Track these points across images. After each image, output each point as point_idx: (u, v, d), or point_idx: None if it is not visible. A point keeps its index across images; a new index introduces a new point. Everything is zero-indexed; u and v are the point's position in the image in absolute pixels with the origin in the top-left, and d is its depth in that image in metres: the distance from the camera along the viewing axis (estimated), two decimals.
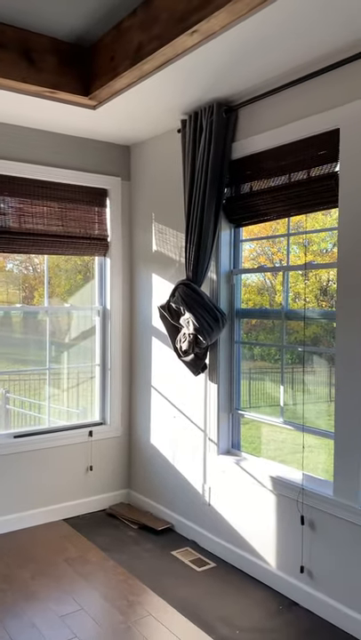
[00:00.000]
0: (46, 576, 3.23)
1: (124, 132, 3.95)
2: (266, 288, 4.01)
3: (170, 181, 3.88)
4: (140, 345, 4.23)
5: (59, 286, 4.42)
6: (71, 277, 4.49)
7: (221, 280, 3.47)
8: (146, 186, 4.14)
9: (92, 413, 4.33)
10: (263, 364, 4.33)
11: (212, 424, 3.51)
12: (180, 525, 3.79)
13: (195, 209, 3.38)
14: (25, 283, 4.41)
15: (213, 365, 3.49)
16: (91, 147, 4.11)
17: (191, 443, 3.70)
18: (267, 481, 3.11)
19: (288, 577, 3.00)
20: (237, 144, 3.30)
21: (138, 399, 4.26)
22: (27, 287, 4.42)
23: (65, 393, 4.45)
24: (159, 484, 4.02)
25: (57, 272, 4.42)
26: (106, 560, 3.42)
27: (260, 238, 3.56)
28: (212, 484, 3.53)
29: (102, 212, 4.21)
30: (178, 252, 3.80)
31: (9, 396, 5.22)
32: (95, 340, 4.32)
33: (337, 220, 2.73)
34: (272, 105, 3.07)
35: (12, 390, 5.17)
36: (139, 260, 4.23)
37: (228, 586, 3.13)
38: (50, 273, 4.32)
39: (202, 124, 3.39)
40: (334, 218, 3.16)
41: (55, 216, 3.99)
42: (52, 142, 3.94)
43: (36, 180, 3.88)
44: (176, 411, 3.84)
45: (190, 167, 3.45)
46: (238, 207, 3.34)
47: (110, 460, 4.27)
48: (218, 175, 3.31)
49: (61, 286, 4.44)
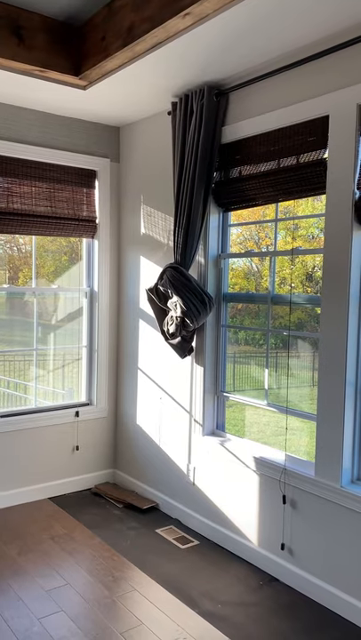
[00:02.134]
0: (33, 552, 3.29)
1: (113, 112, 3.93)
2: (252, 273, 4.05)
3: (159, 164, 3.88)
4: (127, 327, 4.26)
5: (43, 267, 4.41)
6: (57, 258, 4.48)
7: (209, 264, 3.50)
8: (135, 168, 4.13)
9: (79, 394, 4.37)
10: (247, 348, 4.40)
11: (197, 406, 3.57)
12: (165, 504, 3.87)
13: (184, 192, 3.40)
14: (10, 263, 4.39)
15: (200, 348, 3.54)
16: (80, 127, 4.09)
17: (177, 424, 3.76)
18: (250, 461, 3.18)
19: (269, 554, 3.09)
20: (228, 128, 3.31)
21: (124, 381, 4.30)
22: (11, 268, 4.41)
23: (51, 374, 4.47)
24: (144, 464, 4.08)
25: (42, 253, 4.41)
26: (91, 538, 3.49)
27: (248, 223, 3.59)
28: (196, 464, 3.60)
29: (91, 193, 4.20)
30: (166, 235, 3.82)
31: None
32: (82, 321, 4.34)
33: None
34: (263, 90, 3.08)
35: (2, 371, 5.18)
36: (127, 243, 4.24)
37: (211, 562, 3.22)
38: (36, 253, 4.30)
39: (192, 107, 3.39)
40: (323, 203, 3.20)
41: (43, 196, 3.97)
42: (41, 122, 3.91)
43: (24, 159, 3.85)
44: (162, 392, 3.89)
45: (180, 150, 3.45)
46: (227, 191, 3.36)
47: (96, 441, 4.32)
48: (207, 159, 3.32)
49: (46, 267, 4.43)
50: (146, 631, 2.57)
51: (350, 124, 2.61)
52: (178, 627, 2.61)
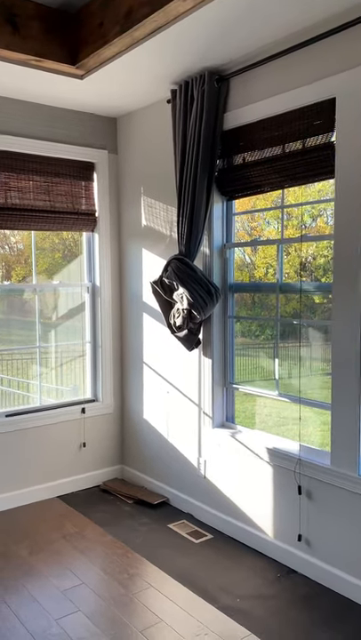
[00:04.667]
0: (44, 552, 3.24)
1: (111, 102, 3.85)
2: (245, 264, 4.00)
3: (159, 154, 3.81)
4: (131, 321, 4.20)
5: (37, 264, 4.34)
6: (49, 255, 4.40)
7: (214, 254, 3.44)
8: (134, 159, 4.06)
9: (84, 391, 4.31)
10: (244, 340, 4.34)
11: (206, 398, 3.52)
12: (176, 499, 3.82)
13: (187, 182, 3.33)
14: (2, 261, 4.32)
15: (207, 340, 3.48)
16: (77, 119, 4.00)
17: (185, 417, 3.71)
18: (263, 452, 3.14)
19: (286, 545, 3.05)
20: (230, 114, 3.24)
21: (130, 376, 4.25)
22: (3, 266, 4.33)
23: (54, 371, 4.41)
24: (153, 459, 4.04)
25: (35, 251, 4.33)
26: (103, 535, 3.44)
27: (253, 211, 3.53)
28: (207, 457, 3.55)
29: (90, 186, 4.13)
30: (168, 226, 3.75)
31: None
32: (85, 317, 4.27)
33: (319, 193, 2.71)
34: (266, 74, 3.01)
35: (2, 369, 5.11)
36: (128, 236, 4.17)
37: (226, 556, 3.18)
38: (28, 251, 4.23)
39: (193, 94, 3.32)
40: (316, 190, 3.15)
41: (41, 190, 3.89)
42: (37, 114, 3.82)
43: (20, 153, 3.77)
44: (169, 386, 3.84)
45: (181, 139, 3.38)
46: (231, 179, 3.30)
47: (103, 437, 4.27)
48: (210, 147, 3.26)
49: (40, 264, 4.35)
50: (166, 628, 2.53)
51: (359, 106, 2.54)
52: (198, 622, 2.57)
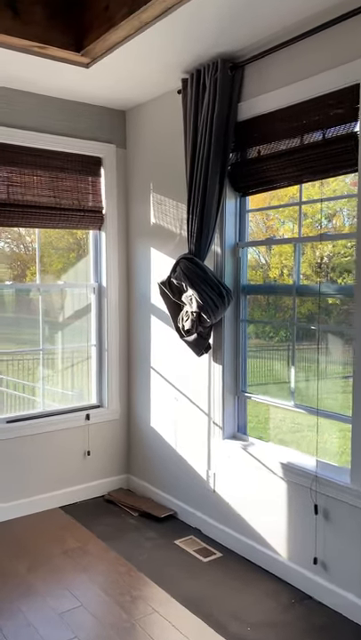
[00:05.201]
0: (43, 568, 3.05)
1: (119, 94, 3.66)
2: (260, 265, 3.79)
3: (169, 148, 3.61)
4: (138, 324, 4.01)
5: (51, 265, 4.19)
6: (64, 255, 4.24)
7: (226, 254, 3.23)
8: (143, 154, 3.86)
9: (89, 396, 4.12)
10: (263, 341, 4.13)
11: (216, 407, 3.31)
12: (184, 512, 3.62)
13: (197, 177, 3.13)
14: (17, 261, 4.17)
15: (218, 345, 3.27)
16: (83, 111, 3.82)
17: (194, 426, 3.50)
18: (276, 467, 2.92)
19: (300, 568, 2.83)
20: (244, 104, 3.03)
21: (137, 381, 4.05)
22: (19, 265, 4.18)
23: (60, 375, 4.23)
24: (160, 470, 3.83)
25: (50, 250, 4.18)
26: (106, 551, 3.24)
27: (268, 208, 3.31)
28: (217, 469, 3.34)
29: (97, 182, 3.94)
30: (178, 224, 3.55)
31: (1, 377, 5.00)
32: (91, 318, 4.09)
33: (334, 192, 2.49)
34: (283, 60, 2.80)
35: (5, 372, 4.95)
36: (136, 234, 3.98)
37: (236, 577, 2.97)
38: (42, 251, 4.08)
39: (205, 83, 3.11)
40: (331, 189, 2.92)
41: (46, 186, 3.71)
42: (42, 106, 3.64)
43: (24, 146, 3.59)
44: (178, 393, 3.64)
45: (192, 131, 3.18)
46: (245, 174, 3.09)
47: (109, 445, 4.08)
48: (222, 139, 3.05)
49: (54, 264, 4.20)
50: None
51: None
52: None
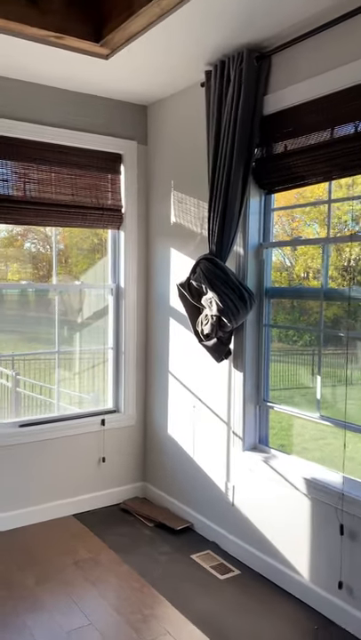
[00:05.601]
0: (53, 581, 2.92)
1: (140, 88, 3.52)
2: (285, 267, 3.61)
3: (192, 144, 3.46)
4: (156, 327, 3.86)
5: (76, 265, 4.10)
6: (88, 256, 4.14)
7: (249, 255, 3.06)
8: (164, 150, 3.72)
9: (105, 400, 3.99)
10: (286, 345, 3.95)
11: (236, 416, 3.14)
12: (201, 525, 3.46)
13: (220, 173, 2.97)
14: (43, 261, 4.09)
15: (239, 351, 3.11)
16: (103, 106, 3.69)
17: (213, 436, 3.34)
18: (300, 483, 2.74)
19: (324, 592, 2.64)
20: (270, 97, 2.86)
21: (154, 386, 3.91)
22: (44, 266, 4.11)
23: (76, 377, 4.12)
24: (177, 479, 3.68)
25: (74, 250, 4.09)
26: (119, 564, 3.10)
27: (294, 206, 3.13)
28: (236, 482, 3.17)
29: (116, 179, 3.81)
30: (200, 223, 3.40)
31: (19, 378, 4.92)
32: (108, 320, 3.96)
33: None
34: (312, 49, 2.62)
35: (23, 372, 4.88)
36: (156, 234, 3.84)
37: (255, 597, 2.79)
38: (68, 252, 3.99)
39: (229, 75, 2.95)
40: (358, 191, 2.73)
41: (64, 183, 3.60)
42: (60, 100, 3.53)
43: (41, 142, 3.48)
44: (196, 400, 3.48)
45: (215, 126, 3.02)
46: (270, 170, 2.92)
47: (124, 451, 3.94)
48: (247, 134, 2.89)
49: (79, 265, 4.11)
50: None
51: None
52: None
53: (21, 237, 4.00)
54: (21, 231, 3.96)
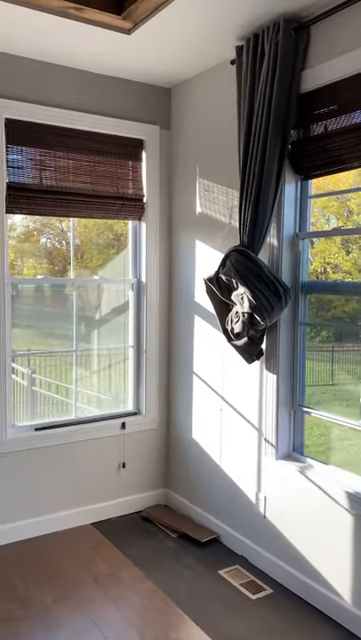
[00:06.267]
0: (71, 599, 2.71)
1: (163, 67, 3.27)
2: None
3: (220, 128, 3.21)
4: (180, 324, 3.63)
5: (91, 260, 3.89)
6: (103, 252, 3.93)
7: (284, 246, 2.81)
8: (190, 135, 3.47)
9: (125, 401, 3.77)
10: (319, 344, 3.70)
11: (268, 422, 2.90)
12: (228, 537, 3.22)
13: (253, 158, 2.72)
14: (58, 257, 3.89)
15: (272, 351, 2.86)
16: (124, 88, 3.46)
17: (243, 442, 3.10)
18: (341, 497, 2.49)
19: None
20: (309, 72, 2.60)
21: (178, 387, 3.67)
22: (60, 262, 3.91)
23: (95, 377, 3.90)
24: (202, 487, 3.45)
25: (89, 246, 3.88)
26: (141, 581, 2.88)
27: (335, 192, 2.87)
28: (268, 493, 2.93)
29: (137, 166, 3.57)
30: (228, 212, 3.15)
31: (35, 377, 4.73)
32: (128, 317, 3.73)
33: None
34: (356, 17, 2.35)
35: (38, 370, 4.68)
36: (180, 225, 3.59)
37: (290, 620, 2.56)
38: (83, 248, 3.78)
39: (263, 49, 2.70)
40: None
41: (82, 171, 3.37)
42: (78, 82, 3.30)
43: (58, 127, 3.25)
44: (223, 403, 3.24)
45: (248, 106, 2.77)
46: (308, 153, 2.66)
47: (146, 456, 3.72)
48: (283, 113, 2.63)
49: (94, 260, 3.90)
50: None
51: None
52: None
53: (37, 232, 3.81)
54: (38, 226, 3.77)
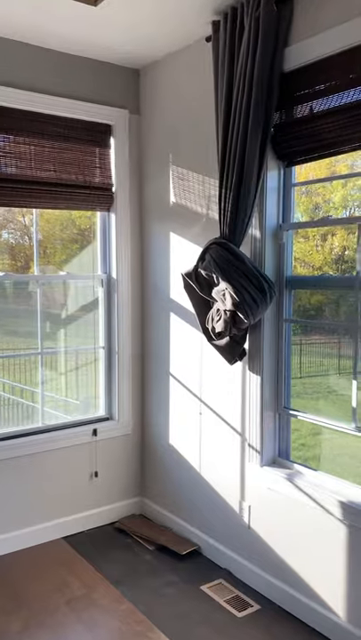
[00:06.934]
0: (42, 627, 2.47)
1: (134, 46, 3.03)
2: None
3: (194, 111, 2.99)
4: (154, 322, 3.40)
5: (54, 256, 3.62)
6: (67, 246, 3.66)
7: (266, 238, 2.62)
8: (161, 120, 3.24)
9: (96, 407, 3.53)
10: (304, 338, 3.55)
11: (252, 426, 2.71)
12: (210, 549, 3.03)
13: (232, 143, 2.51)
14: (21, 253, 3.61)
15: (255, 351, 2.67)
16: (90, 69, 3.20)
17: (224, 448, 2.91)
18: (333, 506, 2.32)
19: None
20: (293, 49, 2.40)
21: (153, 390, 3.46)
22: (22, 257, 3.63)
23: (63, 381, 3.64)
24: (181, 495, 3.25)
25: (53, 241, 3.61)
26: (118, 601, 2.66)
27: (321, 180, 2.68)
28: (252, 502, 2.75)
29: (105, 153, 3.32)
30: (205, 202, 2.94)
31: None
32: (98, 316, 3.49)
33: None
34: None
35: (1, 372, 4.38)
36: (152, 216, 3.37)
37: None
38: (45, 243, 3.51)
39: (242, 24, 2.49)
40: None
41: (45, 158, 3.10)
42: (40, 60, 3.02)
43: (19, 109, 2.98)
44: (203, 406, 3.04)
45: (226, 87, 2.56)
46: (292, 137, 2.47)
47: (119, 464, 3.49)
48: (265, 94, 2.43)
49: (57, 255, 3.63)
50: None
51: None
52: None
53: None
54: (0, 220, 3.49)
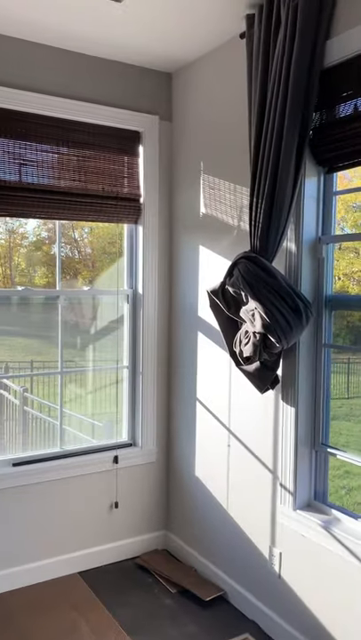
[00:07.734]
0: None
1: (163, 48, 2.83)
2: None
3: (227, 117, 2.76)
4: (182, 342, 3.16)
5: (102, 270, 3.49)
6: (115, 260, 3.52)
7: (304, 252, 2.34)
8: (193, 126, 3.03)
9: (119, 431, 3.31)
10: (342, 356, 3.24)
11: (285, 463, 2.42)
12: (236, 596, 2.73)
13: (266, 147, 2.26)
14: (70, 266, 3.49)
15: (289, 379, 2.38)
16: (118, 72, 3.02)
17: (254, 485, 2.62)
18: None
19: None
20: (335, 41, 2.14)
21: (178, 415, 3.20)
22: (71, 270, 3.51)
23: (86, 403, 3.44)
24: (207, 533, 2.96)
25: (101, 254, 3.48)
26: None
27: None
28: (283, 548, 2.44)
29: (134, 162, 3.13)
30: (236, 213, 2.69)
31: (27, 395, 4.30)
32: (123, 334, 3.27)
33: None
34: None
35: (30, 389, 4.25)
36: (182, 228, 3.14)
37: None
38: (94, 257, 3.39)
39: (279, 17, 2.25)
40: None
41: (70, 167, 2.94)
42: (65, 64, 2.87)
43: (42, 115, 2.83)
44: (232, 438, 2.76)
45: (260, 86, 2.32)
46: (333, 139, 2.19)
47: (142, 494, 3.24)
48: (302, 93, 2.17)
49: (104, 269, 3.49)
50: None
51: None
52: None
53: (49, 242, 3.43)
54: (51, 235, 3.38)
